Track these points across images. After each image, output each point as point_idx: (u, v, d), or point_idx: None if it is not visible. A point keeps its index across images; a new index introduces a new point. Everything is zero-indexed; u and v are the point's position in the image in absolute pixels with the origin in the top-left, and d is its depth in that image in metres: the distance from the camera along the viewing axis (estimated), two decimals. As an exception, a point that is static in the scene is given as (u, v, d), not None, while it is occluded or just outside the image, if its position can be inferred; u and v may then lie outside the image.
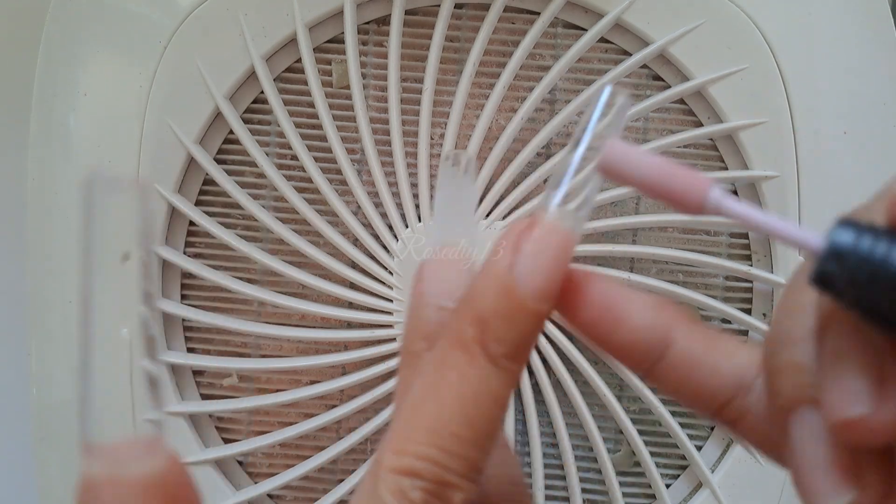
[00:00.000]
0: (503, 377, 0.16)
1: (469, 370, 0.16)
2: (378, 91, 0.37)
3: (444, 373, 0.16)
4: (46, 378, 0.38)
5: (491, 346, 0.16)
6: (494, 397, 0.16)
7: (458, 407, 0.16)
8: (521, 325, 0.16)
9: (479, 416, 0.16)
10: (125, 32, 0.36)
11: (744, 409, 0.17)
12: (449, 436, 0.16)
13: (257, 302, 0.38)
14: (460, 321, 0.16)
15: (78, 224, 0.37)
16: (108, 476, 0.14)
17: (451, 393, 0.16)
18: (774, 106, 0.36)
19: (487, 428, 0.16)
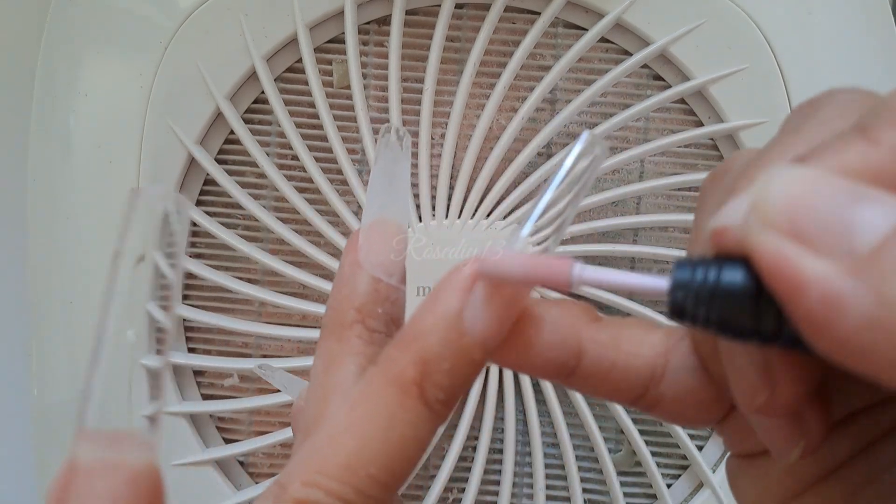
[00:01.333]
0: (434, 422, 0.16)
1: (401, 412, 0.15)
2: (379, 91, 0.37)
3: (373, 408, 0.16)
4: (47, 378, 0.38)
5: (430, 391, 0.16)
6: (420, 442, 0.16)
7: (381, 449, 0.15)
8: (464, 372, 0.16)
9: (400, 461, 0.15)
10: (126, 33, 0.36)
11: (659, 396, 0.18)
12: (366, 477, 0.15)
13: (258, 302, 0.38)
14: (401, 357, 0.16)
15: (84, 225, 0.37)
16: (101, 461, 0.14)
17: (378, 432, 0.15)
18: (775, 106, 0.36)
19: (405, 472, 0.15)
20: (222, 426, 0.39)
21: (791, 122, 0.17)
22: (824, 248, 0.12)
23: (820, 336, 0.13)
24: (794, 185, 0.13)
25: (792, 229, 0.13)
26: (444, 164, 0.36)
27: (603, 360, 0.17)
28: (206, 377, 0.39)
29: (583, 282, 0.15)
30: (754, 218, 0.13)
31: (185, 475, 0.38)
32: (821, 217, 0.12)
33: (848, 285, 0.12)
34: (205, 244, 0.38)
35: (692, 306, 0.14)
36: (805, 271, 0.12)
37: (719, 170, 0.18)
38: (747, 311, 0.14)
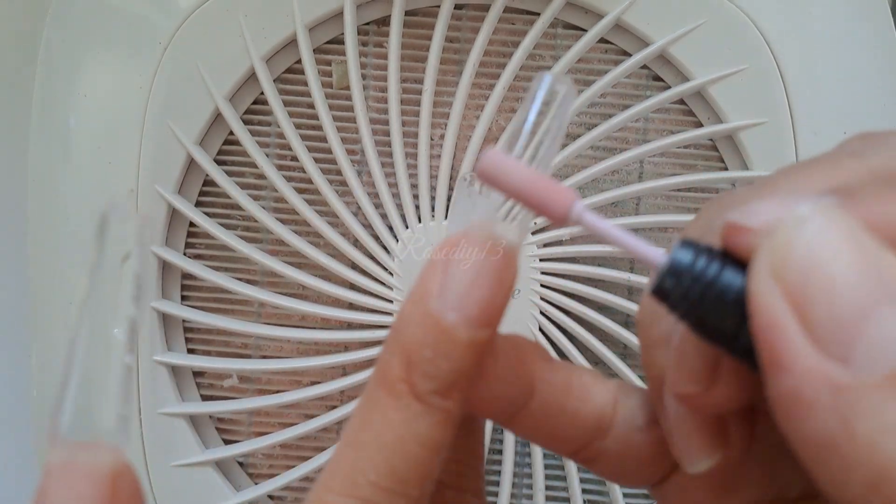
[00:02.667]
0: (435, 417, 0.15)
1: (393, 413, 0.15)
2: (378, 92, 0.37)
3: (367, 415, 0.15)
4: (47, 379, 0.38)
5: (419, 383, 0.15)
6: (422, 441, 0.15)
7: (378, 454, 0.15)
8: (452, 357, 0.15)
9: (404, 464, 0.14)
10: (125, 34, 0.36)
11: (601, 450, 0.17)
12: (368, 485, 0.14)
13: (258, 303, 0.38)
14: (387, 356, 0.15)
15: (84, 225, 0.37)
16: (63, 462, 0.14)
17: (372, 438, 0.15)
18: (774, 106, 0.36)
19: (416, 474, 0.15)
20: (222, 427, 0.39)
21: (850, 145, 0.16)
22: (821, 339, 0.11)
23: (779, 410, 0.12)
24: (827, 248, 0.12)
25: (799, 301, 0.12)
26: (443, 165, 0.36)
27: (552, 403, 0.16)
28: (205, 378, 0.39)
29: (580, 221, 0.14)
30: (767, 259, 0.12)
31: (184, 476, 0.38)
32: (835, 306, 0.11)
33: (824, 398, 0.11)
34: (204, 245, 0.38)
35: (678, 296, 0.14)
36: (789, 356, 0.12)
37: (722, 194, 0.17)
38: (730, 320, 0.13)
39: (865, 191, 0.13)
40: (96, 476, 0.14)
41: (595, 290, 0.36)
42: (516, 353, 0.16)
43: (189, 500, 0.38)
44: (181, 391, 0.38)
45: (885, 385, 0.11)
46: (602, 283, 0.37)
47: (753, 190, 0.15)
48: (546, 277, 0.36)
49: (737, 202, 0.15)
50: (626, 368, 0.36)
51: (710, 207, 0.17)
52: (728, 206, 0.15)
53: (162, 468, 0.38)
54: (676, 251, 0.14)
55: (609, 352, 0.36)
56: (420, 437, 0.15)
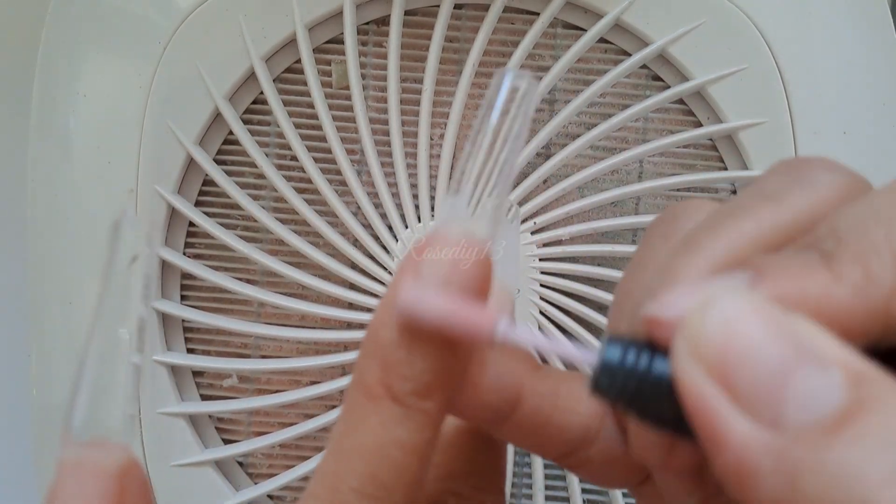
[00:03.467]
0: (414, 420, 0.14)
1: (372, 417, 0.14)
2: (378, 91, 0.37)
3: (347, 420, 0.15)
4: (46, 379, 0.38)
5: (395, 384, 0.14)
6: (403, 445, 0.14)
7: (358, 460, 0.14)
8: (427, 356, 0.14)
9: (385, 469, 0.14)
10: (125, 34, 0.36)
11: (587, 458, 0.17)
12: (349, 492, 0.14)
13: (257, 303, 0.38)
14: (362, 360, 0.15)
15: (84, 225, 0.37)
16: (73, 461, 0.15)
17: (352, 444, 0.14)
18: (774, 106, 0.36)
19: (398, 480, 0.14)
20: (221, 427, 0.39)
21: (770, 182, 0.15)
22: (750, 407, 0.12)
23: (727, 482, 0.12)
24: (736, 324, 0.12)
25: (721, 374, 0.12)
26: (443, 165, 0.36)
27: (539, 413, 0.16)
28: (205, 378, 0.39)
29: (506, 340, 0.14)
30: (684, 344, 0.12)
31: (184, 476, 0.38)
32: (755, 372, 0.12)
33: (766, 463, 0.11)
34: (204, 245, 0.38)
35: (616, 393, 0.14)
36: (725, 430, 0.12)
37: (668, 216, 0.17)
38: (668, 406, 0.13)
39: (776, 267, 0.13)
40: (104, 474, 0.15)
41: (595, 290, 0.36)
42: (505, 363, 0.16)
43: (189, 500, 0.38)
44: (181, 391, 0.38)
45: (817, 439, 0.11)
46: (602, 283, 0.37)
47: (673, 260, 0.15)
48: (546, 277, 0.36)
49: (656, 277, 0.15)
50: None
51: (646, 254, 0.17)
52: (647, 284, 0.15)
53: (161, 468, 0.38)
54: (606, 349, 0.14)
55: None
56: (400, 442, 0.14)
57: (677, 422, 0.14)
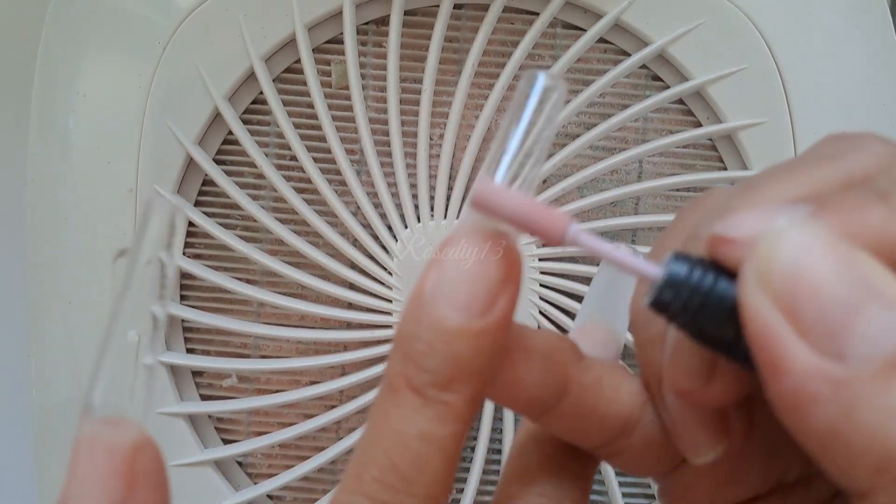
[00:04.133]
0: (434, 411, 0.14)
1: (393, 409, 0.15)
2: (377, 91, 0.37)
3: (374, 414, 0.15)
4: (46, 379, 0.38)
5: (415, 377, 0.14)
6: (423, 436, 0.14)
7: (379, 450, 0.15)
8: (445, 348, 0.14)
9: (405, 460, 0.14)
10: (124, 33, 0.36)
11: (626, 446, 0.17)
12: (371, 481, 0.14)
13: (257, 302, 0.38)
14: (390, 356, 0.15)
15: (82, 226, 0.37)
16: (89, 437, 0.15)
17: (376, 435, 0.15)
18: (773, 106, 0.36)
19: (419, 473, 0.14)
20: (221, 427, 0.39)
21: (825, 147, 0.16)
22: (815, 339, 0.12)
23: (781, 408, 0.12)
24: (807, 258, 0.12)
25: (788, 306, 0.12)
26: (442, 165, 0.36)
27: (584, 404, 0.17)
28: (204, 378, 0.39)
29: (575, 241, 0.15)
30: (753, 272, 0.13)
31: (183, 476, 0.38)
32: (823, 306, 0.12)
33: (825, 391, 0.12)
34: (203, 244, 0.38)
35: (678, 309, 0.14)
36: (786, 358, 0.12)
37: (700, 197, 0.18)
38: (728, 328, 0.14)
39: (837, 200, 0.14)
40: (116, 451, 0.15)
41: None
42: (551, 353, 0.16)
43: (188, 500, 0.38)
44: (180, 391, 0.38)
45: (880, 374, 0.12)
46: (601, 282, 0.37)
47: (734, 195, 0.16)
48: (546, 277, 0.36)
49: (718, 209, 0.16)
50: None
51: (691, 212, 0.17)
52: (710, 212, 0.16)
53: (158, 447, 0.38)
54: (671, 264, 0.14)
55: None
56: (420, 432, 0.14)
57: (731, 344, 0.14)
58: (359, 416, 0.38)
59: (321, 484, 0.39)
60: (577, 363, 0.17)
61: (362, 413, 0.38)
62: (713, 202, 0.17)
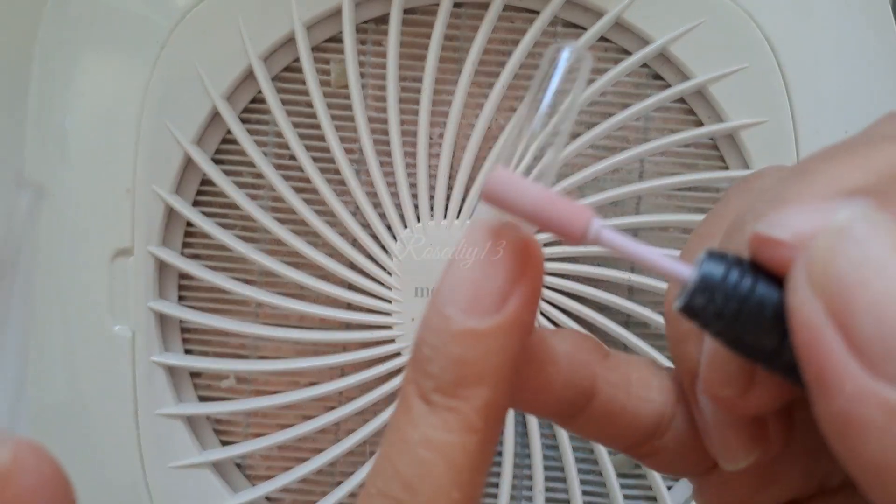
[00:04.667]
0: (441, 419, 0.14)
1: (401, 417, 0.14)
2: (377, 90, 0.37)
3: (387, 426, 0.15)
4: (43, 379, 0.38)
5: (421, 382, 0.14)
6: (428, 444, 0.13)
7: (385, 460, 0.14)
8: (450, 350, 0.13)
9: (408, 467, 0.14)
10: (122, 33, 0.36)
11: (660, 447, 0.16)
12: (377, 494, 0.14)
13: (255, 303, 0.38)
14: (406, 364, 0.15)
15: (79, 226, 0.37)
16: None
17: (384, 446, 0.14)
18: (775, 105, 0.36)
19: (422, 481, 0.14)
20: (219, 428, 0.39)
21: (886, 126, 0.15)
22: (870, 358, 0.11)
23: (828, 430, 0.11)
24: (874, 261, 0.11)
25: (844, 316, 0.11)
26: (442, 164, 0.36)
27: (613, 403, 0.16)
28: (202, 379, 0.39)
29: (598, 240, 0.13)
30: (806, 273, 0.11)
31: (181, 477, 0.37)
32: (883, 322, 0.10)
33: (878, 421, 0.10)
34: (201, 244, 0.38)
35: (712, 316, 0.13)
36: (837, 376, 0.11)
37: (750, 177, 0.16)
38: (769, 337, 0.12)
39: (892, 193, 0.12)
40: None
41: (595, 290, 0.36)
42: (577, 355, 0.16)
43: (186, 502, 0.38)
44: (178, 392, 0.38)
45: None
46: (602, 283, 0.36)
47: (786, 180, 0.14)
48: (546, 277, 0.36)
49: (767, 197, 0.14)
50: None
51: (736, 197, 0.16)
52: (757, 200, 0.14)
53: (159, 469, 0.37)
54: (706, 265, 0.13)
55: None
56: (425, 440, 0.14)
57: (772, 355, 0.12)
58: (358, 417, 0.37)
59: (320, 486, 0.39)
60: (604, 361, 0.16)
61: (362, 414, 0.37)
62: (762, 187, 0.15)
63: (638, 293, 0.37)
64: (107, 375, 0.37)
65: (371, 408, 0.37)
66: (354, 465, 0.38)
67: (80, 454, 0.37)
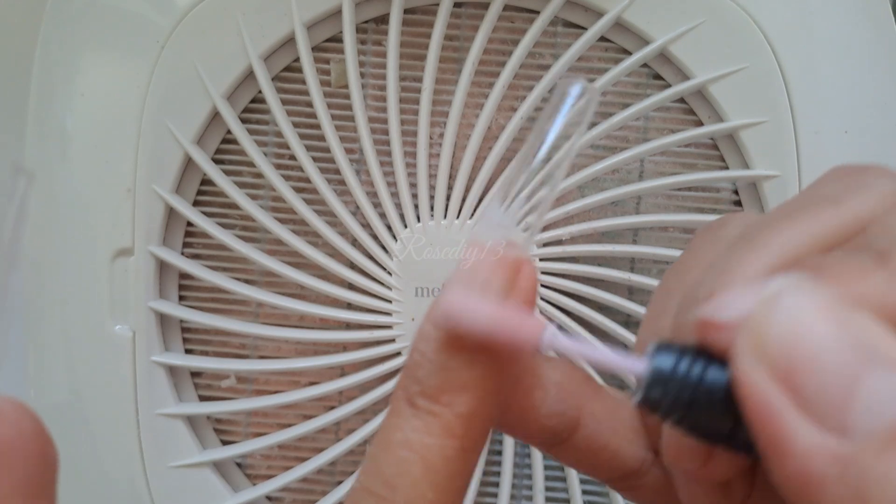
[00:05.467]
0: (423, 422, 0.14)
1: (388, 418, 0.15)
2: (377, 90, 0.37)
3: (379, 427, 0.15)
4: (44, 380, 0.38)
5: (409, 387, 0.15)
6: (409, 445, 0.14)
7: (370, 459, 0.15)
8: (435, 357, 0.14)
9: (389, 466, 0.14)
10: (122, 32, 0.36)
11: (637, 484, 0.17)
12: (360, 489, 0.14)
13: (255, 303, 0.38)
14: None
15: (80, 226, 0.37)
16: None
17: (371, 445, 0.15)
18: (775, 105, 0.36)
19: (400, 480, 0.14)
20: (220, 428, 0.39)
21: (828, 185, 0.15)
22: (817, 413, 0.11)
23: (788, 490, 0.12)
24: (804, 324, 0.11)
25: (787, 379, 0.11)
26: (442, 164, 0.36)
27: (597, 439, 0.16)
28: (203, 378, 0.39)
29: (553, 348, 0.14)
30: (748, 343, 0.12)
31: (182, 477, 0.37)
32: (822, 376, 0.11)
33: (831, 472, 0.11)
34: (202, 244, 0.38)
35: (668, 405, 0.13)
36: (789, 437, 0.11)
37: (716, 223, 0.17)
38: (722, 420, 0.13)
39: (835, 266, 0.13)
40: None
41: (595, 290, 0.36)
42: (567, 386, 0.16)
43: (187, 501, 0.38)
44: (179, 392, 0.38)
45: (887, 447, 0.11)
46: (602, 283, 0.36)
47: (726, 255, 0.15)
48: (546, 277, 0.36)
49: (710, 278, 0.15)
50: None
51: (679, 276, 0.17)
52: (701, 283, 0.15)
53: (160, 469, 0.37)
54: (657, 358, 0.13)
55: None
56: (406, 441, 0.14)
57: (728, 436, 0.13)
58: (358, 416, 0.37)
59: (320, 485, 0.39)
60: (594, 394, 0.16)
61: (362, 414, 0.37)
62: (725, 236, 0.16)
63: (638, 293, 0.37)
64: (107, 375, 0.37)
65: (371, 407, 0.37)
66: (355, 465, 0.38)
67: (80, 454, 0.37)
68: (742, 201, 0.37)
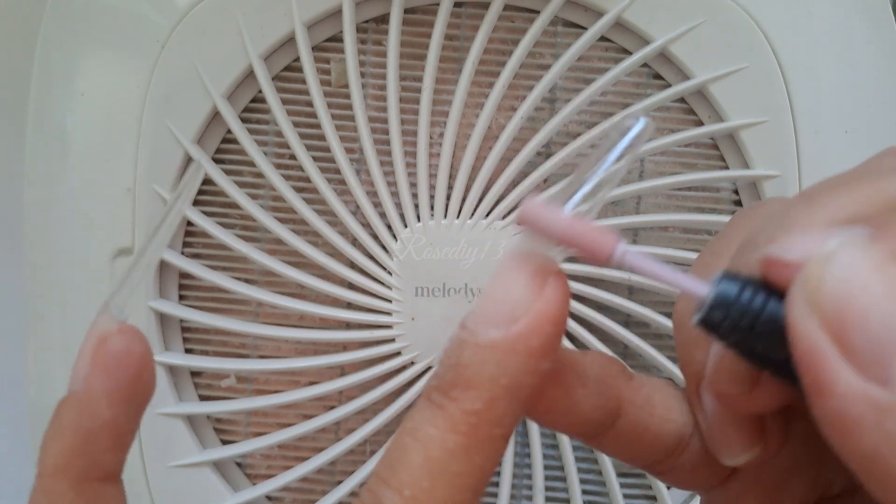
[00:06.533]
0: (430, 413, 0.15)
1: (413, 412, 0.15)
2: (377, 90, 0.37)
3: None
4: (44, 379, 0.38)
5: (431, 381, 0.16)
6: (413, 432, 0.15)
7: (387, 451, 0.16)
8: (452, 354, 0.15)
9: (394, 451, 0.15)
10: (122, 32, 0.36)
11: (678, 463, 0.18)
12: (374, 475, 0.15)
13: (255, 302, 0.38)
14: None
15: (80, 226, 0.37)
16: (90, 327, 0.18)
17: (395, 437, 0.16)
18: (775, 105, 0.36)
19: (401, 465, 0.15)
20: (219, 427, 0.39)
21: (888, 159, 0.16)
22: (861, 363, 0.12)
23: (826, 428, 0.13)
24: (857, 280, 0.12)
25: (837, 330, 0.12)
26: (442, 164, 0.36)
27: (638, 423, 0.17)
28: (203, 378, 0.39)
29: (623, 262, 0.15)
30: (802, 293, 0.13)
31: (182, 476, 0.37)
32: (871, 331, 0.12)
33: (868, 416, 0.12)
34: (202, 244, 0.38)
35: (728, 327, 0.14)
36: (831, 380, 0.12)
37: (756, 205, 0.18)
38: (777, 348, 0.14)
39: (889, 223, 0.14)
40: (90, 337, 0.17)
41: (595, 289, 0.36)
42: (604, 378, 0.17)
43: (187, 501, 0.38)
44: (179, 391, 0.38)
45: None
46: (602, 282, 0.36)
47: (792, 207, 0.16)
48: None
49: (774, 222, 0.16)
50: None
51: (745, 220, 0.17)
52: (765, 224, 0.16)
53: (159, 469, 0.37)
54: (722, 284, 0.14)
55: (609, 352, 0.36)
56: (413, 429, 0.15)
57: (780, 363, 0.14)
58: (358, 416, 0.37)
59: (320, 485, 0.39)
60: (629, 383, 0.17)
61: (362, 414, 0.37)
62: (769, 212, 0.17)
63: (638, 293, 0.37)
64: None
65: (371, 407, 0.37)
66: (355, 465, 0.38)
67: (80, 453, 0.37)
68: (742, 201, 0.37)
